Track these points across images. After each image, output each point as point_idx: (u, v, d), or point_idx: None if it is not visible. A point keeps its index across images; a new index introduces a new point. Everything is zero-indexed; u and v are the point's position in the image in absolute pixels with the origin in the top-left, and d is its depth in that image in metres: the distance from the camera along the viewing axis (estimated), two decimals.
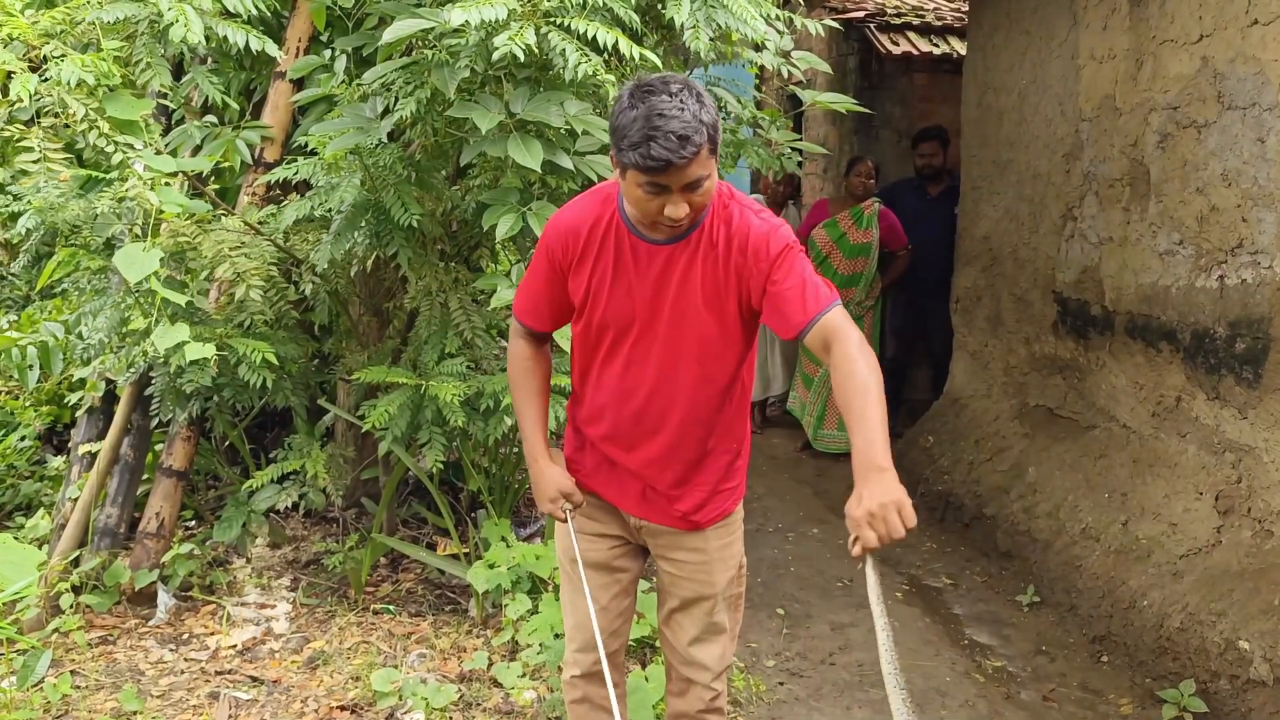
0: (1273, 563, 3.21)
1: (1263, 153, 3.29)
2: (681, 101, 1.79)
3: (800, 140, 4.03)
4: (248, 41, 3.01)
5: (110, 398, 3.79)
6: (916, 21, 6.90)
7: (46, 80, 2.67)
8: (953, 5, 7.17)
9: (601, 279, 2.03)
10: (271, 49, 3.07)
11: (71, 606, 3.31)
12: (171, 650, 3.25)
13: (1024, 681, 3.50)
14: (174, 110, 3.69)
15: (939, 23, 6.92)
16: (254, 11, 3.06)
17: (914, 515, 1.64)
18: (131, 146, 2.72)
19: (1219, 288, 3.52)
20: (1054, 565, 4.08)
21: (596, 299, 2.05)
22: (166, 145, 3.19)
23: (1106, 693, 3.40)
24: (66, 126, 2.69)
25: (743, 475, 2.25)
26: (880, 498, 1.63)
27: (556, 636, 3.14)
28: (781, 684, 3.38)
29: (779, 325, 1.95)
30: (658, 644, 3.22)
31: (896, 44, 6.71)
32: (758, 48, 3.74)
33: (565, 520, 2.21)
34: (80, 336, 3.56)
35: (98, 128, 2.64)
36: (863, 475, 1.69)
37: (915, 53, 6.68)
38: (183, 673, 3.12)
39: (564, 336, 2.95)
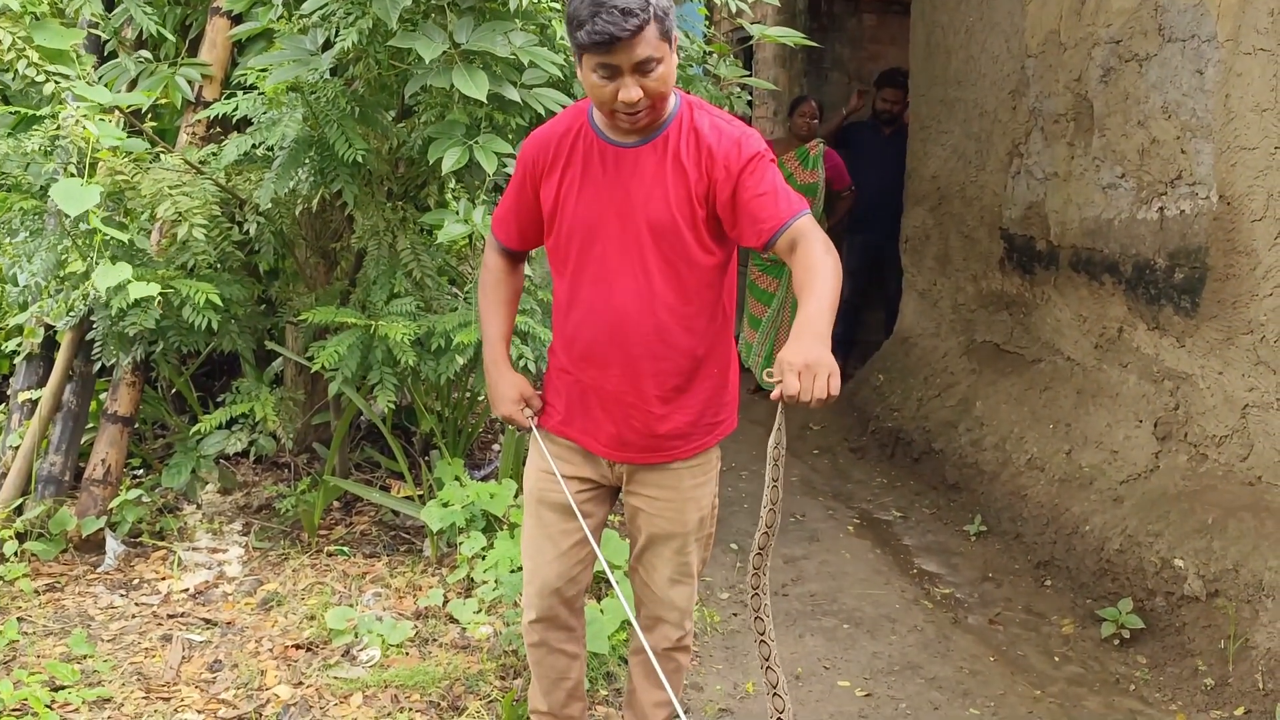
0: (1207, 484, 3.32)
1: (1201, 84, 3.34)
2: None
3: (750, 77, 4.01)
4: None
5: (50, 344, 3.70)
6: None
7: None
8: None
9: (570, 184, 2.04)
10: None
11: (15, 554, 3.26)
12: (122, 595, 3.22)
13: (971, 607, 3.60)
14: (106, 42, 3.57)
15: None
16: None
17: (839, 389, 1.67)
18: (65, 76, 2.63)
19: (1159, 219, 3.58)
20: (1000, 495, 4.17)
21: (565, 204, 2.05)
22: (100, 79, 3.09)
23: (1049, 614, 3.51)
24: None
25: (731, 412, 2.23)
26: (819, 357, 1.66)
27: (512, 572, 3.15)
28: (735, 615, 3.44)
29: (748, 232, 1.94)
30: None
31: None
32: None
33: (529, 427, 2.21)
34: (15, 282, 3.47)
35: (26, 57, 2.55)
36: (804, 333, 1.70)
37: None
38: (134, 617, 3.10)
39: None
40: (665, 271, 2.03)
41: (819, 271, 1.81)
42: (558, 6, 2.76)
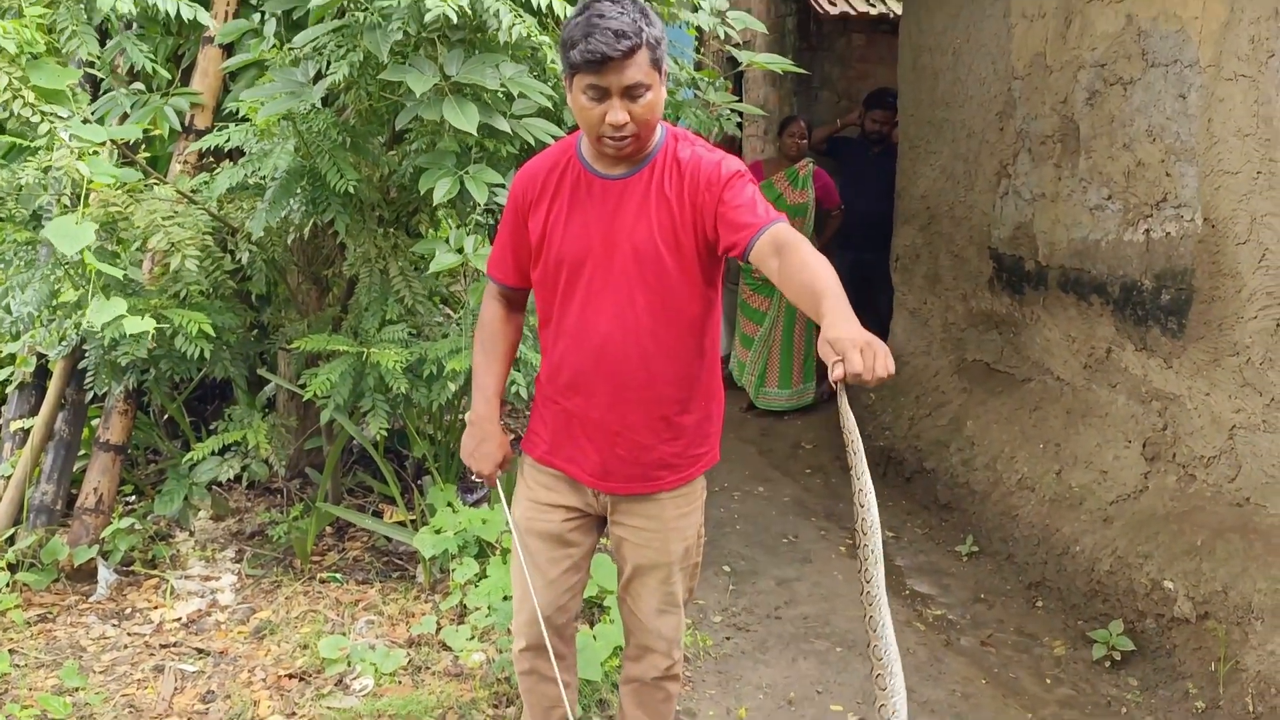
0: (1196, 505, 3.34)
1: (1184, 109, 3.38)
2: (623, 8, 1.88)
3: (739, 102, 4.04)
4: (178, 9, 2.95)
5: (42, 372, 3.72)
6: None
7: None
8: None
9: (558, 215, 2.07)
10: (203, 17, 3.01)
11: (8, 585, 3.26)
12: (114, 625, 3.22)
13: (963, 628, 3.61)
14: (101, 81, 3.59)
15: None
16: None
17: (894, 368, 1.57)
18: (58, 116, 2.65)
19: (1145, 241, 3.61)
20: (991, 515, 4.19)
21: (552, 235, 2.07)
22: (93, 113, 3.10)
23: (1041, 636, 3.52)
24: None
25: (714, 444, 2.24)
26: (872, 336, 1.56)
27: (505, 599, 3.16)
28: (728, 639, 3.44)
29: (730, 240, 1.94)
30: (605, 604, 3.26)
31: (834, 4, 6.73)
32: (695, 9, 3.73)
33: (496, 485, 2.27)
34: (8, 311, 3.47)
35: (22, 97, 2.57)
36: (845, 317, 1.63)
37: (853, 13, 6.71)
38: (126, 647, 3.10)
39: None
40: (650, 302, 2.05)
41: (818, 270, 1.77)
42: (547, 39, 2.79)
